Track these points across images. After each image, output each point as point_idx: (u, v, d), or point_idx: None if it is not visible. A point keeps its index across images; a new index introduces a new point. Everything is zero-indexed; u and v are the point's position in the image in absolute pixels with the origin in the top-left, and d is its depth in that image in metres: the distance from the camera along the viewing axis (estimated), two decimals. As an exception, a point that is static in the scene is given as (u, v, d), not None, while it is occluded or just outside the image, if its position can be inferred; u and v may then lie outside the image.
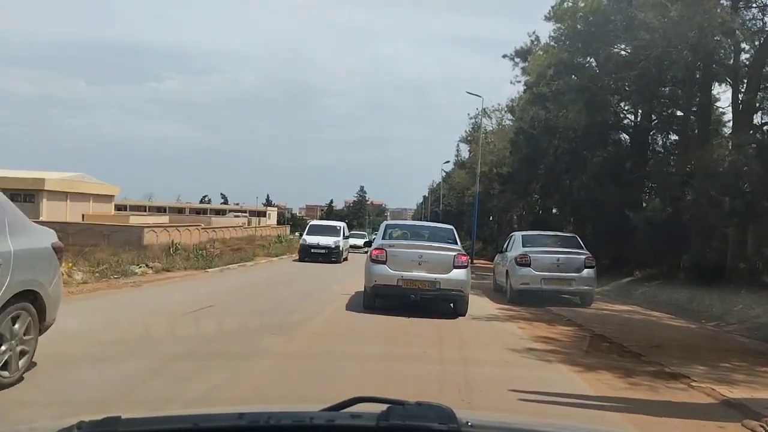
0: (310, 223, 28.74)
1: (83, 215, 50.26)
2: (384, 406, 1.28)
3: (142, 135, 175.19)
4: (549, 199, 28.66)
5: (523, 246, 13.12)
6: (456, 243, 10.67)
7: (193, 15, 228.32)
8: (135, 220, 52.07)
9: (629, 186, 20.88)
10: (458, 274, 9.82)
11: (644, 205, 21.19)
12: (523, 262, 12.61)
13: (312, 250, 23.81)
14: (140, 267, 15.58)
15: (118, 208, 68.91)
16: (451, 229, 11.54)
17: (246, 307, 10.19)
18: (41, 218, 46.48)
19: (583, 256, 12.67)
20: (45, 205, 48.43)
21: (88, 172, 54.36)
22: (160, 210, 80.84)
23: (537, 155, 26.06)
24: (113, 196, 57.30)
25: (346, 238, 26.36)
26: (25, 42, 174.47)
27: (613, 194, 21.43)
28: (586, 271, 12.54)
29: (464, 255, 10.23)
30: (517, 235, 13.96)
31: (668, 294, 15.60)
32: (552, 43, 22.05)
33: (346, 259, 25.89)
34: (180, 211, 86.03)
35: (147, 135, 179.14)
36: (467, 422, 1.28)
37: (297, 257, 26.37)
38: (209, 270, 17.10)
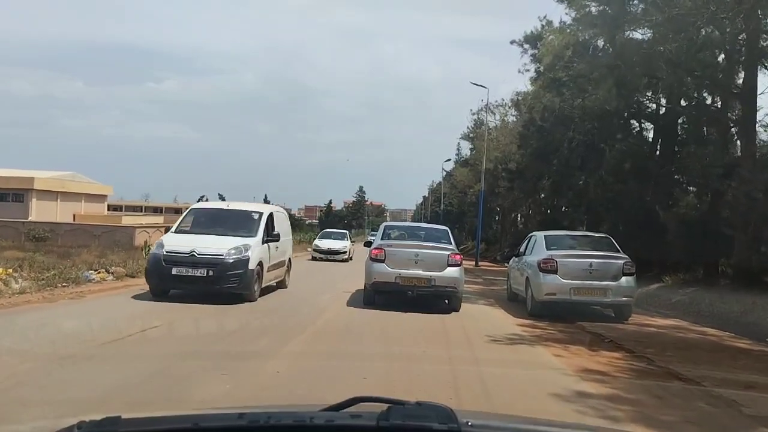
0: (193, 206, 13.40)
1: (74, 215, 48.30)
2: (384, 406, 1.26)
3: (140, 135, 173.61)
4: (561, 197, 26.50)
5: (547, 249, 10.95)
6: (450, 243, 11.11)
7: (193, 15, 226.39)
8: (128, 220, 50.12)
9: (656, 181, 18.73)
10: (452, 272, 10.38)
11: (670, 202, 19.06)
12: (549, 268, 10.44)
13: (173, 272, 9.88)
14: (99, 272, 13.41)
15: (114, 208, 67.23)
16: (446, 230, 12.06)
17: (204, 327, 8.01)
18: (30, 218, 44.70)
19: (621, 261, 10.49)
20: (34, 204, 46.38)
21: (86, 173, 52.48)
22: (157, 210, 79.11)
23: (549, 148, 23.91)
24: (106, 195, 55.47)
25: (272, 239, 11.26)
26: (24, 42, 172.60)
27: (637, 190, 19.30)
28: (624, 278, 10.37)
29: (458, 254, 10.73)
30: (539, 236, 11.79)
31: (711, 304, 13.45)
32: (569, 23, 19.93)
33: (284, 283, 12.63)
34: (177, 211, 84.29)
35: (146, 135, 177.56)
36: (467, 422, 1.27)
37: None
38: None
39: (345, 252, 25.16)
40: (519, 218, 45.62)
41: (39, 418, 3.66)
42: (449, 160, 59.39)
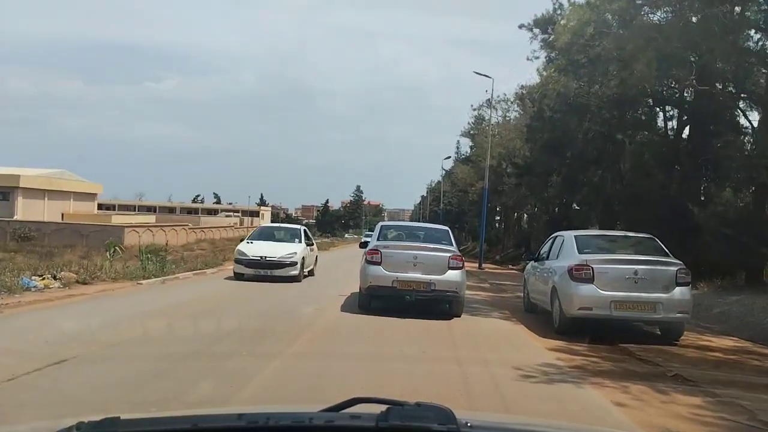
0: None
1: (62, 214, 46.45)
2: (383, 407, 1.24)
3: (139, 135, 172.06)
4: (574, 193, 24.45)
5: (579, 252, 8.92)
6: (451, 244, 10.52)
7: (192, 15, 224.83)
8: (118, 219, 48.13)
9: (685, 174, 16.73)
10: (453, 275, 9.78)
11: (702, 198, 17.05)
12: (583, 276, 8.41)
13: None
14: (43, 278, 11.38)
15: (107, 207, 65.34)
16: (447, 230, 11.46)
17: (139, 360, 5.99)
18: (16, 217, 42.77)
19: (674, 268, 8.45)
20: (20, 203, 44.40)
21: (84, 172, 50.53)
22: (150, 210, 77.26)
23: (562, 141, 21.83)
24: (96, 194, 53.54)
25: None
26: (23, 41, 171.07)
27: (662, 185, 17.31)
28: (678, 290, 8.31)
29: (459, 256, 10.12)
30: (567, 236, 9.75)
31: (764, 316, 11.47)
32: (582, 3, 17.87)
33: None
34: (171, 210, 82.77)
35: (144, 135, 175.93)
36: (466, 423, 1.26)
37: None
38: (144, 282, 12.87)
39: (293, 264, 14.31)
40: (524, 217, 43.68)
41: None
42: (449, 157, 57.53)
